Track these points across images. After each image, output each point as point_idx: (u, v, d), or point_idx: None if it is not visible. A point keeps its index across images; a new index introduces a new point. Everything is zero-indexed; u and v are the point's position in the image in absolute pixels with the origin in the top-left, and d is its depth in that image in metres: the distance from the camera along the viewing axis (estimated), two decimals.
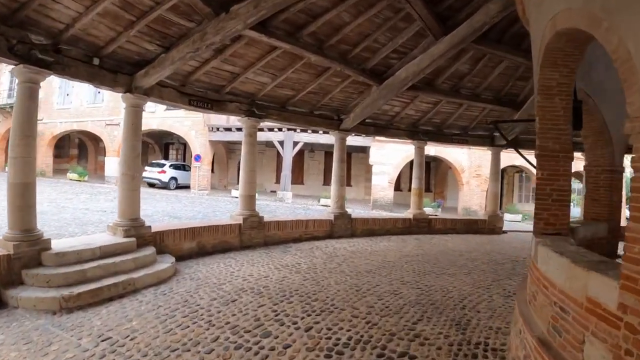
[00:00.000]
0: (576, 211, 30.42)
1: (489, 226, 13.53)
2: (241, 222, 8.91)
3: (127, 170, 6.92)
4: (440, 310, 5.19)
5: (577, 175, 25.91)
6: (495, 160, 13.98)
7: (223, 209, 16.03)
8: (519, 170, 26.23)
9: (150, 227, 7.01)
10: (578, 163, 23.83)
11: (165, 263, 6.43)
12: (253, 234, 9.08)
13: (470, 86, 10.76)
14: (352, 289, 5.95)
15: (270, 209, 17.31)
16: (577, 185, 29.61)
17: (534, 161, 4.57)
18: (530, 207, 26.94)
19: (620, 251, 8.87)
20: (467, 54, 9.07)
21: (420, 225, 12.61)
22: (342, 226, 10.98)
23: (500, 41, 8.62)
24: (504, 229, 13.83)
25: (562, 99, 4.04)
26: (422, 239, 11.32)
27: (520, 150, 6.20)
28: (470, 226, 13.43)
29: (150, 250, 6.51)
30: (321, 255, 8.45)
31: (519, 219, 20.74)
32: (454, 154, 21.93)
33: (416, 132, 12.55)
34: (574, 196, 30.10)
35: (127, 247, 6.29)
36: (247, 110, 8.99)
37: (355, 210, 19.38)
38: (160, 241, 7.13)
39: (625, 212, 13.38)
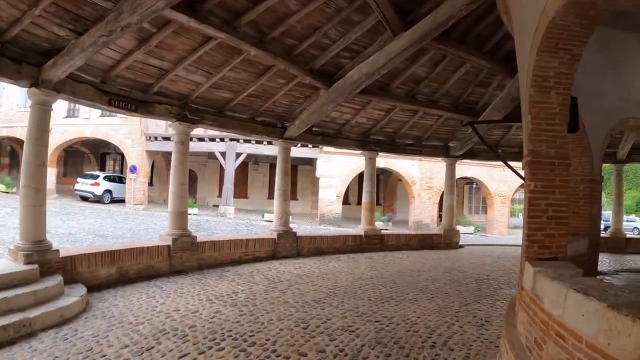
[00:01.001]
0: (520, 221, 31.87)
1: (445, 241, 13.10)
2: (170, 243, 7.74)
3: (30, 181, 5.63)
4: (406, 352, 4.32)
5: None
6: (450, 171, 13.64)
7: (158, 226, 14.54)
8: (469, 181, 26.58)
9: (58, 251, 5.82)
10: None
11: (73, 297, 5.27)
12: (185, 257, 7.90)
13: (427, 92, 10.25)
14: (298, 327, 4.96)
15: (210, 225, 16.02)
16: (518, 195, 30.52)
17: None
18: (480, 219, 27.42)
19: (600, 267, 8.55)
20: (426, 55, 8.52)
21: (373, 243, 11.91)
22: (286, 245, 10.00)
23: (463, 41, 8.15)
24: (460, 243, 13.45)
25: (560, 93, 3.37)
26: (375, 258, 10.57)
27: (508, 163, 5.58)
28: (425, 241, 12.91)
29: (55, 280, 5.33)
30: (262, 280, 7.40)
31: (471, 231, 20.74)
32: (405, 166, 21.72)
33: (367, 142, 11.89)
34: (522, 206, 31.10)
35: (27, 276, 5.10)
36: (178, 114, 7.90)
37: (302, 226, 18.55)
38: (71, 268, 6.03)
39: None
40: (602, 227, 28.34)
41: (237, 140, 20.19)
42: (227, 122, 8.92)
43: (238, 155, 20.75)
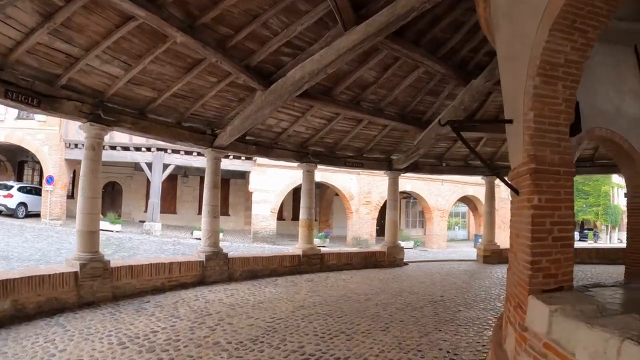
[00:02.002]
0: (462, 233, 32.91)
1: (389, 258, 12.62)
2: (78, 269, 6.47)
3: None
4: None
5: (465, 199, 27.41)
6: (394, 185, 13.27)
7: (73, 245, 12.69)
8: (406, 195, 26.78)
9: None
10: (467, 187, 25.46)
11: None
12: (96, 286, 6.65)
13: (373, 99, 9.73)
14: None
15: (133, 244, 14.41)
16: (461, 208, 31.46)
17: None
18: (417, 233, 27.71)
19: None
20: (376, 57, 7.97)
21: (312, 263, 11.11)
22: (216, 268, 8.90)
23: (418, 44, 7.70)
24: (404, 260, 13.05)
25: (567, 86, 2.82)
26: (316, 280, 9.78)
27: (504, 179, 5.02)
28: (369, 260, 12.35)
29: None
30: (188, 314, 6.30)
31: (411, 246, 20.65)
32: (342, 180, 21.35)
33: (305, 153, 11.14)
34: (457, 219, 32.04)
35: None
36: (90, 114, 6.71)
37: (234, 244, 17.42)
38: None
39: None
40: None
41: (165, 150, 18.82)
42: (149, 125, 7.78)
43: (166, 166, 19.28)
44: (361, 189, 21.80)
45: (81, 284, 6.46)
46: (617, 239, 35.02)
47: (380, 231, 25.23)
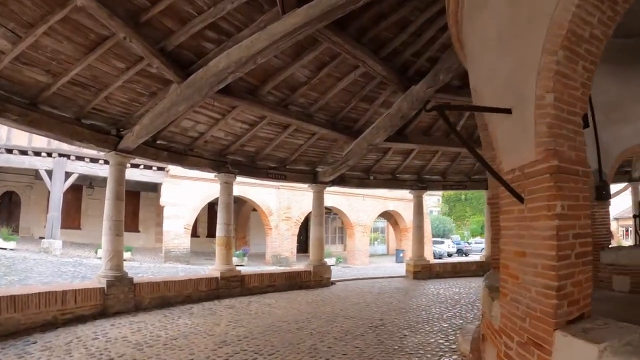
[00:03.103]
0: (382, 248, 33.25)
1: (316, 278, 11.95)
2: None
3: None
4: None
5: (386, 214, 27.72)
6: (319, 200, 12.69)
7: None
8: (326, 211, 26.44)
9: None
10: (388, 202, 25.74)
11: None
12: None
13: (303, 102, 9.11)
14: None
15: (27, 266, 12.25)
16: (380, 222, 31.86)
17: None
18: (337, 249, 27.44)
19: None
20: (312, 52, 7.34)
21: (232, 286, 10.12)
22: (120, 297, 7.59)
23: (360, 41, 7.22)
24: (331, 279, 12.45)
25: (587, 68, 2.35)
26: (238, 307, 8.79)
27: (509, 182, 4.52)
28: (294, 280, 11.58)
29: None
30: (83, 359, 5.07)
31: (333, 263, 20.20)
32: (260, 194, 20.49)
33: (224, 163, 10.20)
34: (376, 234, 32.38)
35: None
36: None
37: (144, 265, 15.79)
38: None
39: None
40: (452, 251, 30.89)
41: (68, 156, 16.59)
42: (39, 119, 6.46)
43: (68, 175, 16.89)
44: (281, 204, 21.05)
45: None
46: None
47: (301, 248, 24.63)
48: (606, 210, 7.56)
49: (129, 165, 8.50)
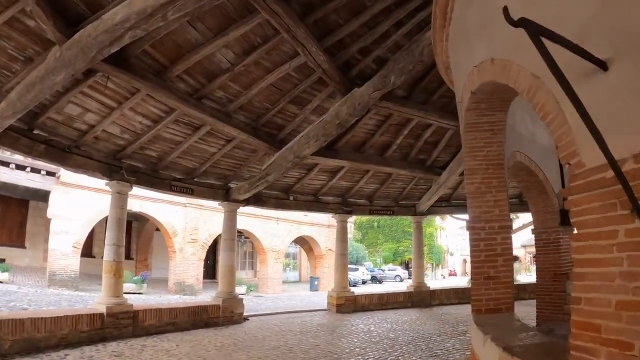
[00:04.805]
0: (294, 275, 31.41)
1: (226, 314, 9.99)
2: None
3: None
4: None
5: (300, 240, 26.15)
6: (231, 221, 10.89)
7: None
8: (237, 234, 24.34)
9: None
10: (303, 227, 24.07)
11: None
12: None
13: (221, 97, 7.44)
14: None
15: None
16: (292, 248, 30.22)
17: None
18: (247, 275, 25.26)
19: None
20: (244, 26, 5.74)
21: (122, 324, 8.00)
22: None
23: (303, 20, 5.81)
24: (244, 315, 10.52)
25: None
26: (128, 354, 6.71)
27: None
28: (199, 317, 9.54)
29: None
30: None
31: (244, 292, 18.16)
32: (165, 212, 18.13)
33: (118, 167, 8.13)
34: (288, 260, 30.55)
35: None
36: None
37: (22, 290, 13.08)
38: None
39: None
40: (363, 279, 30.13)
41: None
42: None
43: None
44: (187, 225, 18.70)
45: None
46: (440, 276, 42.60)
47: (209, 274, 22.18)
48: (570, 236, 6.79)
49: (13, 166, 6.19)
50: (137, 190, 8.90)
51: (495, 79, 3.16)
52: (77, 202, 15.38)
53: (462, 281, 29.36)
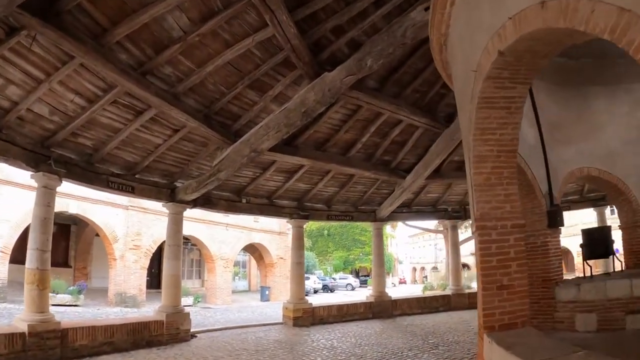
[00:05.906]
0: (243, 284, 29.91)
1: (170, 331, 8.70)
2: None
3: None
4: None
5: (250, 247, 24.81)
6: (176, 224, 9.62)
7: None
8: (183, 240, 22.70)
9: None
10: (253, 234, 22.91)
11: None
12: None
13: (169, 74, 6.36)
14: None
15: None
16: (241, 256, 28.78)
17: None
18: (194, 285, 23.60)
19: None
20: None
21: (47, 345, 6.69)
22: None
23: None
24: (191, 331, 9.26)
25: None
26: None
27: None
28: (140, 334, 8.24)
29: None
30: None
31: (190, 302, 16.72)
32: (105, 215, 16.52)
33: (46, 157, 6.72)
34: (237, 269, 29.10)
35: None
36: None
37: None
38: None
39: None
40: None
41: None
42: None
43: None
44: (129, 229, 17.07)
45: None
46: (391, 284, 40.51)
47: (153, 283, 20.40)
48: (558, 239, 6.27)
49: None
50: (74, 189, 7.47)
51: (548, 25, 2.41)
52: (4, 201, 13.47)
53: (414, 289, 29.13)
